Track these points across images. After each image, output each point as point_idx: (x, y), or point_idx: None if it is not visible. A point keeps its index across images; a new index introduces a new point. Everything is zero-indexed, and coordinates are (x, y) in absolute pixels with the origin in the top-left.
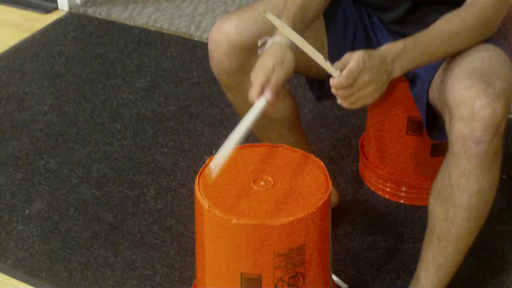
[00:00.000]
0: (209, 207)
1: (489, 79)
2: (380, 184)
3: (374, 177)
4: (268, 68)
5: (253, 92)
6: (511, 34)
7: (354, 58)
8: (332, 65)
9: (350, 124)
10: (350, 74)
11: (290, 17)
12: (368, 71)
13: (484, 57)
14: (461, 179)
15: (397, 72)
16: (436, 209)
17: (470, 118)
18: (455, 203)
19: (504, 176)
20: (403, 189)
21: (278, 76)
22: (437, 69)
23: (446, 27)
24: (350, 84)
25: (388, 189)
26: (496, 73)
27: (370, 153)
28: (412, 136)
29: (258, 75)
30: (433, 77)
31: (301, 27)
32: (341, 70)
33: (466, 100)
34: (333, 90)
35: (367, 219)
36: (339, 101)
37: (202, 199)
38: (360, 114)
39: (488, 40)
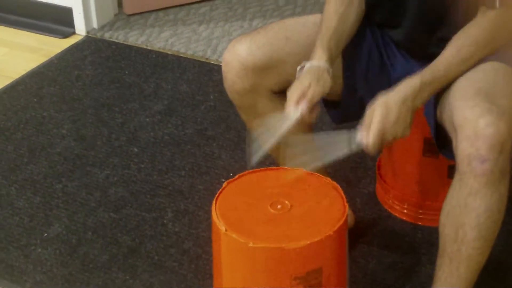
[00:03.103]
0: (226, 230)
1: (493, 98)
2: (397, 206)
3: (390, 198)
4: (304, 84)
5: (288, 104)
6: None
7: (374, 123)
8: (357, 139)
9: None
10: (376, 141)
11: (325, 41)
12: (391, 128)
13: (489, 76)
14: (469, 199)
15: (419, 105)
16: (446, 230)
17: (474, 137)
18: (464, 222)
19: None
20: (420, 210)
21: (314, 92)
22: (444, 91)
23: (458, 53)
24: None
25: (405, 211)
26: (501, 92)
27: (386, 175)
28: (428, 158)
29: (294, 90)
30: (439, 97)
31: (337, 50)
32: (367, 130)
33: (470, 120)
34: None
35: (384, 240)
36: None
37: (219, 222)
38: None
39: (496, 55)
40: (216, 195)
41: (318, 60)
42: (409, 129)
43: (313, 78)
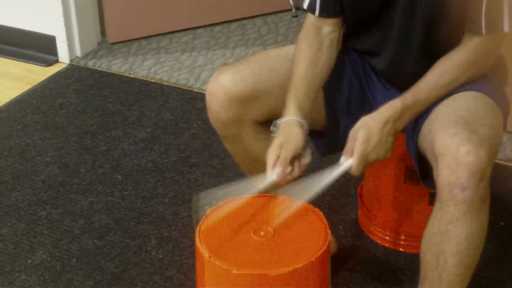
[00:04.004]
0: (209, 257)
1: (473, 126)
2: (379, 233)
3: (373, 225)
4: (276, 146)
5: (267, 169)
6: (499, 78)
7: (356, 147)
8: (340, 161)
9: (348, 174)
10: (358, 166)
11: (294, 93)
12: (374, 150)
13: (469, 105)
14: (449, 226)
15: (400, 128)
16: (427, 257)
17: (455, 165)
18: (445, 250)
19: (502, 223)
20: (402, 237)
21: (286, 153)
22: (425, 120)
23: (442, 78)
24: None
25: (387, 238)
26: (480, 120)
27: (368, 202)
28: (409, 185)
29: (270, 154)
30: (421, 127)
31: (308, 97)
32: (349, 154)
33: (451, 148)
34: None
35: (367, 267)
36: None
37: (202, 249)
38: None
39: (476, 86)
40: (200, 222)
41: (288, 115)
42: (390, 151)
43: (284, 137)
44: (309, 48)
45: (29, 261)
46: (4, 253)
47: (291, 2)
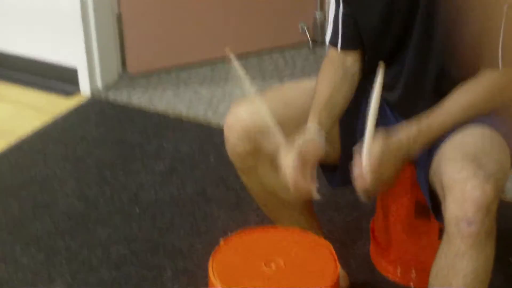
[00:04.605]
0: (221, 287)
1: (480, 161)
2: (390, 268)
3: (384, 260)
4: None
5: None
6: (509, 113)
7: (373, 155)
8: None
9: (361, 209)
10: (373, 173)
11: (317, 112)
12: (386, 163)
13: (477, 140)
14: (456, 259)
15: (414, 152)
16: None
17: (462, 199)
18: (451, 283)
19: (511, 258)
20: (413, 272)
21: (307, 156)
22: (435, 154)
23: (457, 104)
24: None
25: (398, 273)
26: (488, 156)
27: (380, 237)
28: (420, 220)
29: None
30: (431, 162)
31: (329, 120)
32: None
33: (458, 183)
34: (356, 187)
35: None
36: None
37: (215, 280)
38: (372, 198)
39: (485, 120)
40: (213, 254)
41: (309, 131)
42: (398, 174)
43: (303, 139)
44: (333, 75)
45: None
46: (23, 282)
47: (308, 36)
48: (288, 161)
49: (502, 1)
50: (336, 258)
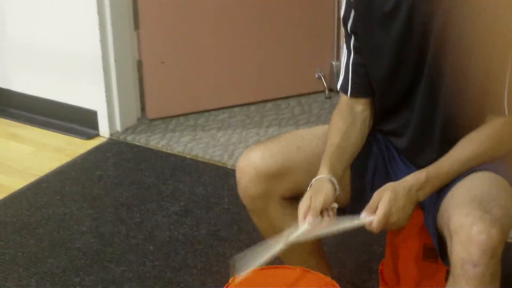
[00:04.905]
0: None
1: (486, 206)
2: None
3: None
4: (306, 198)
5: (298, 219)
6: None
7: (382, 205)
8: (360, 215)
9: (372, 251)
10: (380, 223)
11: (327, 157)
12: (396, 212)
13: (484, 185)
14: None
15: (422, 198)
16: None
17: (467, 242)
18: None
19: None
20: None
21: (315, 202)
22: (443, 198)
23: (464, 153)
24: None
25: None
26: (494, 201)
27: (389, 278)
28: (427, 262)
29: (301, 205)
30: (439, 207)
31: (340, 164)
32: (371, 212)
33: (464, 226)
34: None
35: None
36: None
37: None
38: (382, 240)
39: (492, 166)
40: None
41: (320, 174)
42: (408, 219)
43: (313, 191)
44: (344, 122)
45: None
46: None
47: (325, 84)
48: (300, 210)
49: (508, 49)
50: None
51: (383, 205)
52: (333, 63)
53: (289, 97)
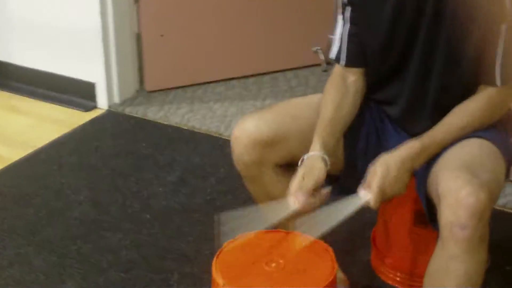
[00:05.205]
0: (224, 285)
1: (475, 171)
2: (391, 274)
3: (384, 267)
4: (298, 177)
5: (289, 197)
6: (506, 129)
7: (375, 181)
8: (359, 194)
9: (363, 219)
10: (376, 200)
11: (320, 132)
12: (390, 186)
13: (474, 151)
14: (449, 262)
15: (418, 167)
16: None
17: (456, 205)
18: (445, 284)
19: (508, 268)
20: (412, 278)
21: (307, 183)
22: (434, 165)
23: (457, 122)
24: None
25: (398, 278)
26: (483, 166)
27: (381, 244)
28: (419, 228)
29: (292, 184)
30: (429, 172)
31: (332, 138)
32: (368, 188)
33: (453, 190)
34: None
35: None
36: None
37: (218, 277)
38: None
39: (483, 133)
40: (217, 254)
41: (313, 151)
42: (405, 188)
43: (306, 170)
44: (337, 93)
45: None
46: (35, 283)
47: (322, 57)
48: (292, 188)
49: (500, 21)
50: (334, 258)
51: (376, 182)
52: (330, 36)
53: (286, 70)
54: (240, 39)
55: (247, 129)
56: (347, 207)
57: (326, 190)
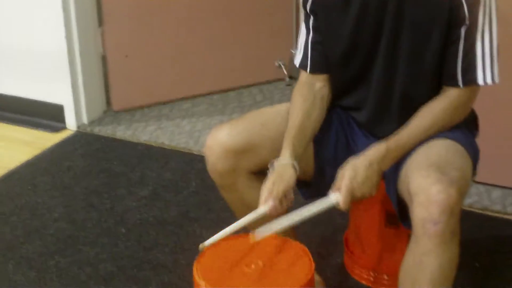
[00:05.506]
0: (205, 286)
1: (444, 169)
2: (364, 274)
3: (358, 267)
4: (269, 183)
5: (260, 202)
6: (470, 129)
7: (344, 183)
8: (329, 195)
9: (336, 223)
10: (345, 202)
11: (289, 140)
12: (358, 187)
13: (441, 151)
14: (423, 257)
15: (384, 168)
16: (404, 285)
17: (427, 202)
18: (419, 278)
19: (477, 264)
20: (384, 277)
21: (277, 189)
22: (403, 165)
23: (421, 122)
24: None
25: (371, 278)
26: (451, 165)
27: (353, 246)
28: (390, 229)
29: (263, 190)
30: (399, 173)
31: (301, 145)
32: (338, 190)
33: (424, 188)
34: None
35: None
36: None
37: (199, 280)
38: (346, 214)
39: (449, 133)
40: (197, 258)
41: (283, 158)
42: (375, 188)
43: (276, 176)
44: (304, 100)
45: None
46: None
47: (285, 72)
48: (262, 194)
49: (459, 24)
50: (311, 258)
51: (344, 184)
52: (293, 51)
53: (250, 85)
54: (204, 57)
55: (220, 138)
56: (317, 207)
57: (292, 196)
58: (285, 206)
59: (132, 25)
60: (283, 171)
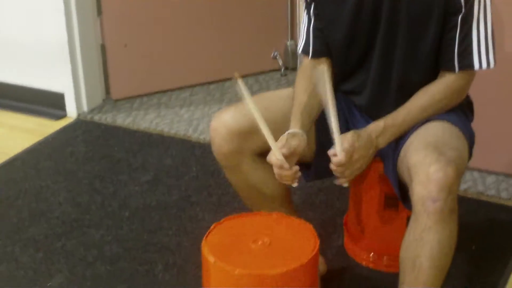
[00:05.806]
0: (214, 261)
1: (441, 149)
2: (363, 255)
3: (357, 249)
4: (283, 138)
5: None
6: (466, 113)
7: (346, 141)
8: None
9: (335, 207)
10: (347, 153)
11: (298, 113)
12: (358, 150)
13: (439, 132)
14: (423, 233)
15: (381, 145)
16: (405, 262)
17: (426, 181)
18: (420, 254)
19: (473, 247)
20: (384, 258)
21: (290, 142)
22: (401, 147)
23: (417, 103)
24: (347, 161)
25: (370, 259)
26: (448, 145)
27: (353, 228)
28: (389, 211)
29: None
30: (398, 155)
31: (309, 119)
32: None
33: (423, 167)
34: (332, 167)
35: (353, 285)
36: (337, 181)
37: (208, 255)
38: (345, 198)
39: (445, 116)
40: (206, 235)
41: (293, 129)
42: (369, 162)
43: (289, 135)
44: (308, 83)
45: (49, 284)
46: (25, 278)
47: (280, 63)
48: (276, 150)
49: (455, 13)
50: (316, 235)
51: (347, 140)
52: (288, 43)
53: (247, 75)
54: (202, 47)
55: (225, 121)
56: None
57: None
58: (292, 163)
59: (131, 15)
60: (295, 135)
